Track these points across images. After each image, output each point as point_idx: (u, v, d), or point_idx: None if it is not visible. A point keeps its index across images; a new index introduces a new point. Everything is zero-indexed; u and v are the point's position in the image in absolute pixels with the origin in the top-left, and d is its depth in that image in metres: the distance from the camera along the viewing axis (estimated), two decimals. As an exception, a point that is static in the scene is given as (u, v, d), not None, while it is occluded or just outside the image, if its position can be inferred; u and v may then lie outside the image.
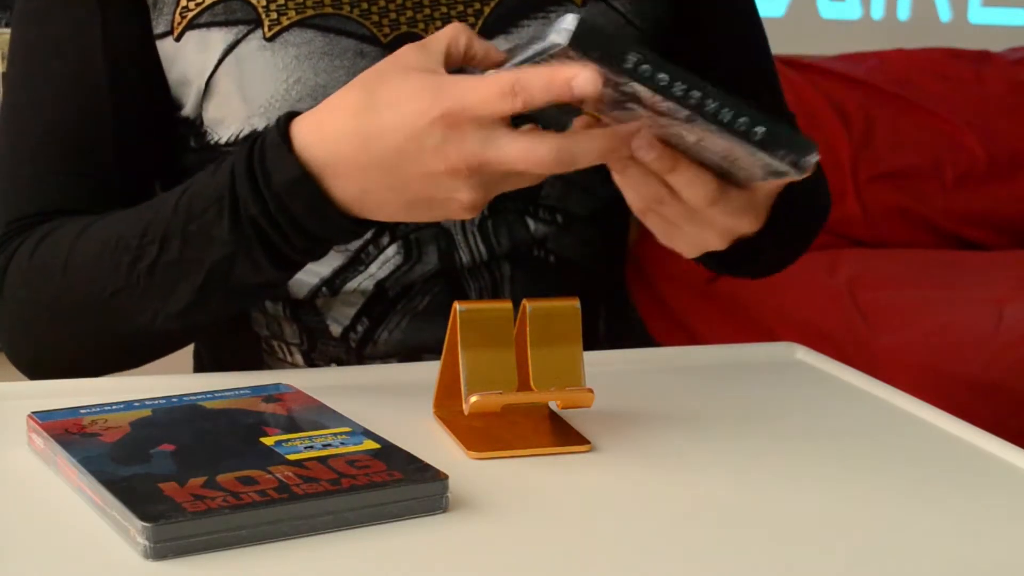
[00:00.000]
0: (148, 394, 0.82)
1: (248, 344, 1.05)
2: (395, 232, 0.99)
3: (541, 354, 0.80)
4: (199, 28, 0.95)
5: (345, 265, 0.99)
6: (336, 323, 1.01)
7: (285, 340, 1.03)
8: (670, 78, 0.72)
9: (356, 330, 1.01)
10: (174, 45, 0.96)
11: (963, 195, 2.69)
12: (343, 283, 0.99)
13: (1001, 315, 2.15)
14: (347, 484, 0.68)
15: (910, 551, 0.67)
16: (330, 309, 1.01)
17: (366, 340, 1.01)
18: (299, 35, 0.94)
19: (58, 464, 0.73)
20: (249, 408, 0.80)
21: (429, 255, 0.99)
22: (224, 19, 0.95)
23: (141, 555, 0.63)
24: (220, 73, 0.95)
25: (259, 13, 0.94)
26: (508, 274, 1.01)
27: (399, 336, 1.01)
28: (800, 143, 0.75)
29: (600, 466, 0.77)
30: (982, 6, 3.14)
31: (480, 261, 1.00)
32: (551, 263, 1.02)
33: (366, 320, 1.01)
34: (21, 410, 0.79)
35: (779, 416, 0.88)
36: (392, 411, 0.83)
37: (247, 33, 0.95)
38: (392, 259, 0.99)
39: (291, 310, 1.02)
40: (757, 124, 0.73)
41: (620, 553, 0.66)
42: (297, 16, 0.95)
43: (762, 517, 0.71)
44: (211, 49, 0.95)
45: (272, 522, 0.65)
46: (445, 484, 0.70)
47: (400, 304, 1.00)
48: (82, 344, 0.93)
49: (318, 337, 1.02)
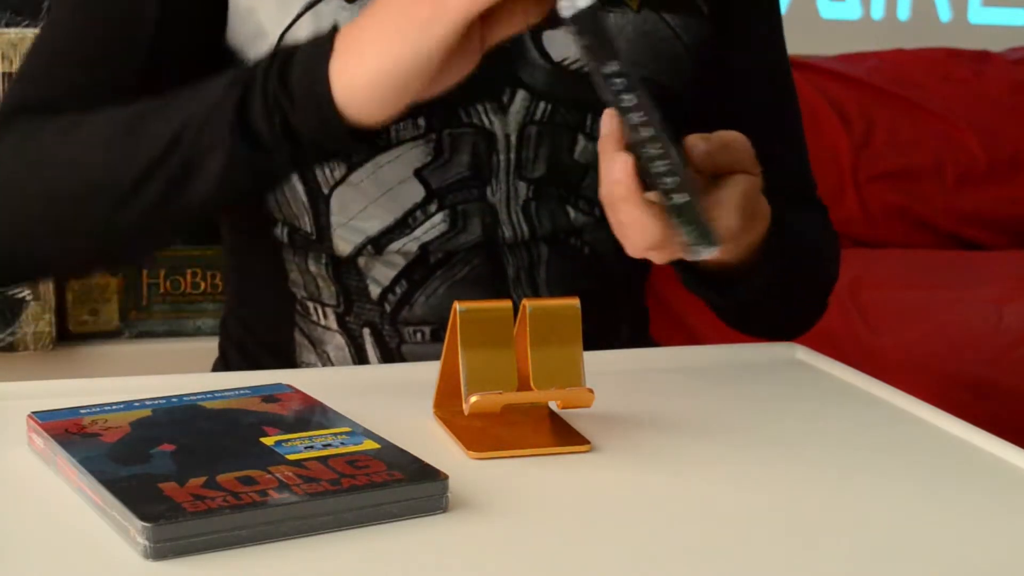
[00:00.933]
0: (148, 394, 0.82)
1: (283, 304, 1.05)
2: (444, 200, 1.00)
3: (541, 354, 0.80)
4: None
5: (392, 226, 1.00)
6: (375, 284, 1.02)
7: (322, 301, 1.04)
8: (634, 104, 0.75)
9: (395, 291, 1.02)
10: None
11: (963, 195, 2.68)
12: (388, 243, 1.01)
13: (1001, 315, 2.14)
14: (347, 484, 0.68)
15: (910, 551, 0.67)
16: (371, 269, 1.02)
17: (403, 304, 1.02)
18: None
19: (58, 464, 0.73)
20: (249, 408, 0.80)
21: (474, 226, 1.01)
22: None
23: (141, 555, 0.63)
24: (296, 27, 0.96)
25: None
26: (545, 256, 1.03)
27: (435, 302, 1.02)
28: (705, 232, 0.77)
29: (600, 466, 0.77)
30: (982, 6, 3.14)
31: (521, 239, 1.02)
32: (585, 253, 1.04)
33: (405, 283, 1.02)
34: (21, 410, 0.79)
35: (779, 416, 0.88)
36: (392, 411, 0.83)
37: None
38: (438, 226, 1.00)
39: (332, 269, 1.02)
40: (681, 191, 0.76)
41: (620, 553, 0.66)
42: None
43: (762, 517, 0.71)
44: (291, 3, 0.96)
45: (272, 522, 0.65)
46: (445, 484, 0.70)
47: (440, 271, 1.01)
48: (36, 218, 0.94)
49: (355, 299, 1.03)
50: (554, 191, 1.02)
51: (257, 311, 1.10)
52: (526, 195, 1.01)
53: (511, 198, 1.01)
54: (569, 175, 1.01)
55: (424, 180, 0.99)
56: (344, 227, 1.00)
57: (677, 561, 0.66)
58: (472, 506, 0.70)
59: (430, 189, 0.99)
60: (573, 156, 1.01)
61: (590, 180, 1.02)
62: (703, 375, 0.97)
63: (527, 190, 1.01)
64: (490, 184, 1.00)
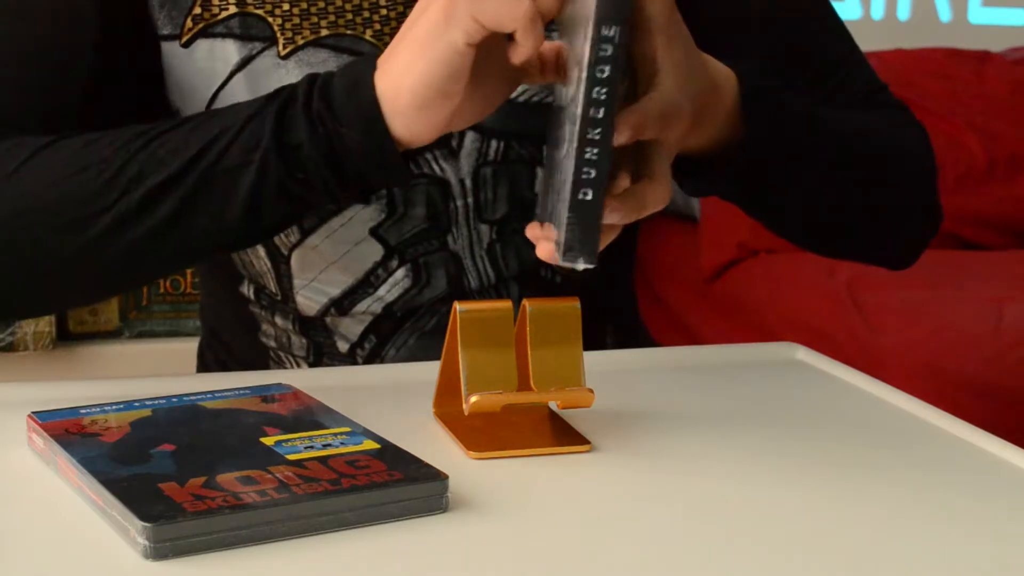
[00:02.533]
0: (148, 394, 0.82)
1: (256, 352, 1.06)
2: (404, 255, 0.99)
3: (541, 354, 0.80)
4: (213, 37, 0.95)
5: (354, 287, 1.00)
6: (344, 340, 1.01)
7: (292, 353, 1.04)
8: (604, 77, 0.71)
9: (363, 347, 1.01)
10: (181, 51, 0.95)
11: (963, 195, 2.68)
12: (352, 304, 1.00)
13: (1001, 315, 2.14)
14: (347, 484, 0.68)
15: (910, 551, 0.67)
16: (338, 326, 1.02)
17: (373, 356, 1.02)
18: (313, 54, 0.95)
19: (58, 464, 0.73)
20: (249, 408, 0.80)
21: (438, 279, 1.00)
22: (240, 33, 0.95)
23: (141, 555, 0.63)
24: (231, 86, 0.95)
25: (275, 31, 0.95)
26: (516, 294, 1.01)
27: (406, 354, 1.01)
28: (581, 243, 0.72)
29: (600, 466, 0.77)
30: (982, 6, 3.14)
31: (488, 284, 1.01)
32: (557, 282, 1.03)
33: (373, 338, 1.01)
34: (21, 410, 0.79)
35: (779, 416, 0.88)
36: (392, 411, 0.83)
37: (262, 49, 0.95)
38: (401, 282, 0.99)
39: (300, 326, 1.02)
40: (588, 189, 0.72)
41: (620, 553, 0.66)
42: (311, 36, 0.95)
43: (762, 517, 0.71)
44: (223, 61, 0.95)
45: (272, 522, 0.65)
46: (445, 484, 0.70)
47: (408, 323, 1.01)
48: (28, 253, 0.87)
49: (325, 352, 1.02)
50: (518, 228, 0.99)
51: (232, 354, 1.10)
52: (489, 237, 1.00)
53: (474, 243, 0.99)
54: (532, 210, 1.00)
55: (381, 238, 0.98)
56: (307, 288, 1.00)
57: (677, 561, 0.66)
58: (472, 506, 0.71)
59: (388, 246, 0.98)
60: (534, 190, 0.99)
61: None
62: (703, 375, 0.97)
63: (490, 232, 1.00)
64: (450, 232, 0.99)
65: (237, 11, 0.95)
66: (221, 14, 0.95)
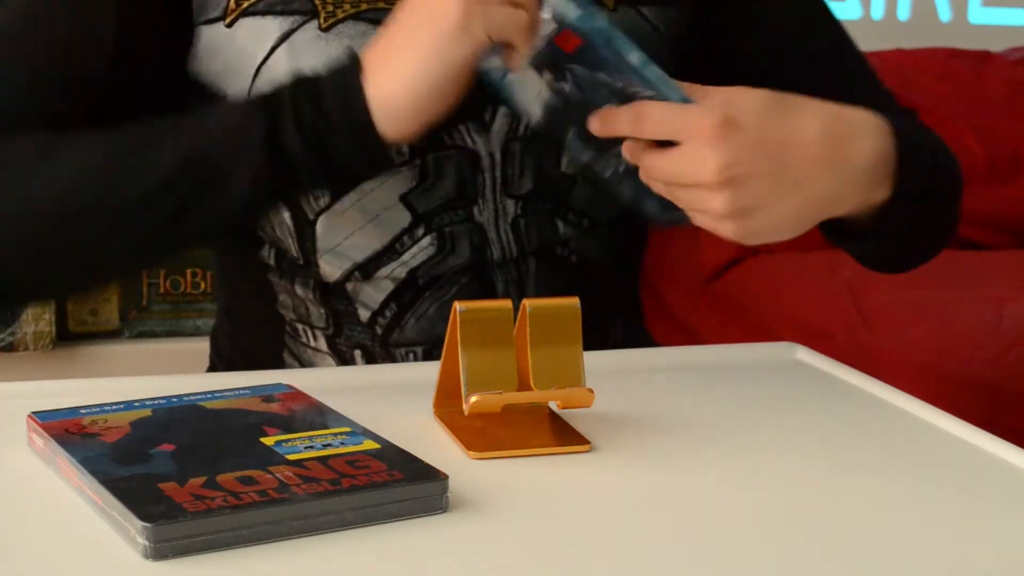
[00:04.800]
0: (148, 394, 0.82)
1: (272, 325, 1.05)
2: (431, 224, 1.00)
3: (541, 354, 0.80)
4: (254, 15, 0.96)
5: (380, 252, 1.00)
6: (364, 308, 1.02)
7: (311, 324, 1.04)
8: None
9: (384, 315, 1.02)
10: (224, 32, 0.96)
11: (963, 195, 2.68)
12: (375, 269, 1.01)
13: (1001, 315, 2.14)
14: (347, 484, 0.68)
15: (910, 551, 0.67)
16: (359, 294, 1.02)
17: (393, 326, 1.02)
18: (353, 27, 0.96)
19: (58, 464, 0.73)
20: (249, 408, 0.80)
21: (462, 248, 1.01)
22: (281, 8, 0.96)
23: (141, 555, 0.63)
24: (272, 60, 0.96)
25: (315, 5, 0.96)
26: (533, 270, 1.03)
27: (426, 323, 1.02)
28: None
29: (600, 466, 0.77)
30: (982, 6, 3.14)
31: (509, 257, 1.02)
32: (572, 262, 1.04)
33: (394, 306, 1.02)
34: (21, 410, 0.79)
35: (779, 416, 0.88)
36: (392, 411, 0.83)
37: (303, 23, 0.96)
38: (426, 249, 1.00)
39: (320, 293, 1.02)
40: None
41: (620, 553, 0.66)
42: (352, 9, 0.97)
43: (762, 517, 0.71)
44: (265, 37, 0.96)
45: (272, 522, 0.65)
46: (445, 484, 0.70)
47: (428, 292, 1.01)
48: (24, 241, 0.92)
49: (345, 322, 1.02)
50: (542, 205, 1.02)
51: (247, 332, 1.10)
52: (514, 212, 1.01)
53: (499, 216, 1.01)
54: (557, 188, 1.01)
55: (410, 205, 0.99)
56: (330, 253, 1.00)
57: (677, 561, 0.66)
58: (472, 506, 0.71)
59: (416, 214, 0.99)
60: (560, 169, 1.01)
61: (578, 191, 1.02)
62: (703, 375, 0.97)
63: (515, 207, 1.01)
64: (477, 204, 1.00)
65: None
66: None
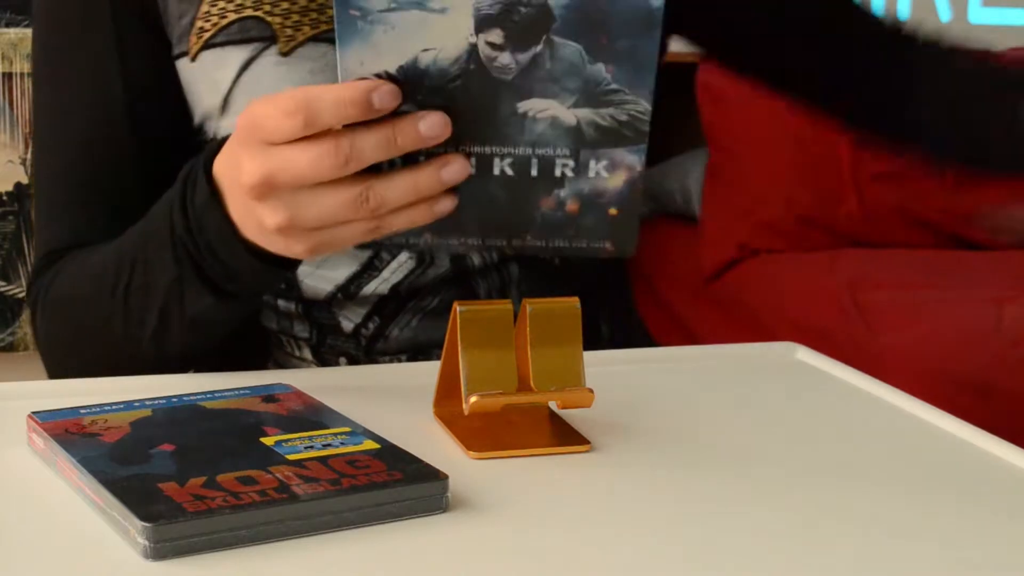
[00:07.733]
0: (148, 394, 0.82)
1: (256, 335, 1.06)
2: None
3: (541, 354, 0.80)
4: (215, 47, 0.97)
5: (359, 272, 1.00)
6: (348, 320, 1.02)
7: (294, 335, 1.04)
8: None
9: (367, 327, 1.02)
10: (191, 66, 0.97)
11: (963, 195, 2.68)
12: (358, 289, 1.01)
13: (1001, 315, 2.15)
14: (347, 484, 0.68)
15: (910, 551, 0.67)
16: (343, 308, 1.02)
17: (376, 337, 1.02)
18: (313, 49, 0.96)
19: (58, 464, 0.73)
20: (249, 408, 0.80)
21: (442, 259, 1.01)
22: (240, 37, 0.96)
23: (141, 555, 0.63)
24: (237, 90, 0.96)
25: (274, 30, 0.96)
26: (516, 276, 1.02)
27: (409, 334, 1.02)
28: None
29: (600, 466, 0.77)
30: (982, 6, 3.14)
31: (490, 263, 1.01)
32: (555, 264, 1.03)
33: (377, 318, 1.02)
34: (21, 410, 0.79)
35: (779, 416, 0.88)
36: (392, 411, 0.83)
37: (263, 50, 0.96)
38: (405, 264, 1.00)
39: (303, 308, 1.02)
40: None
41: (620, 553, 0.66)
42: (312, 31, 0.96)
43: (762, 517, 0.71)
44: (228, 67, 0.96)
45: (272, 522, 0.65)
46: (445, 484, 0.70)
47: (411, 303, 1.01)
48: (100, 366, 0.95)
49: (328, 333, 1.03)
50: None
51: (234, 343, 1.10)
52: None
53: None
54: None
55: None
56: (311, 276, 1.00)
57: (677, 561, 0.66)
58: (472, 506, 0.71)
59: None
60: None
61: None
62: (703, 375, 0.97)
63: None
64: None
65: (236, 17, 0.95)
66: (222, 22, 0.96)
